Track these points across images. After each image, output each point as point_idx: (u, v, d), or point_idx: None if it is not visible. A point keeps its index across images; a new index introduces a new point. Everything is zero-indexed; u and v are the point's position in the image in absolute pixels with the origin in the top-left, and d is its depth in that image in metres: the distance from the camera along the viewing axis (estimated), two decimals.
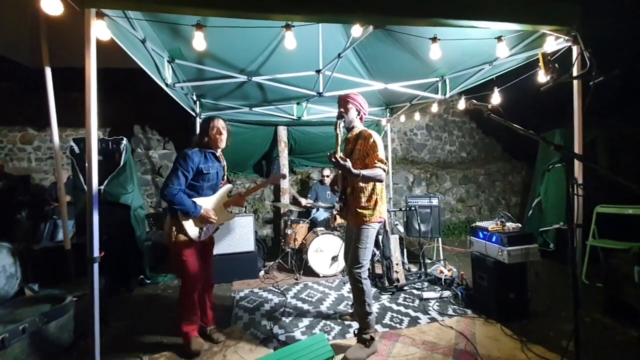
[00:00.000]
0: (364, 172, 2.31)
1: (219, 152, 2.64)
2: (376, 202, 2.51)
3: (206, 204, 2.54)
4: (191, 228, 2.47)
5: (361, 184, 2.48)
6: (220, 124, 2.58)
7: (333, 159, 2.21)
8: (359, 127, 2.64)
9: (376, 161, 2.40)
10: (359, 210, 2.49)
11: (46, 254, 3.53)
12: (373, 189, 2.51)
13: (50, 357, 2.38)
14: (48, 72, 3.07)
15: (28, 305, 2.62)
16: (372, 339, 2.48)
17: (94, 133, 1.99)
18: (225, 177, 2.76)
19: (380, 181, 2.46)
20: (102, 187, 3.81)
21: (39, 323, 2.31)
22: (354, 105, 2.62)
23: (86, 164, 1.99)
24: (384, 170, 2.41)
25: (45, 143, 6.41)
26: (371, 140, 2.46)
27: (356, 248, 2.50)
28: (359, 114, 2.66)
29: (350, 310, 3.17)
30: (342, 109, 2.64)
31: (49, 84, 3.08)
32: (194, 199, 2.47)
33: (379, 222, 2.55)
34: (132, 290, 3.90)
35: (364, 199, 2.49)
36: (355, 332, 2.57)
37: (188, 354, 2.52)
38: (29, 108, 6.11)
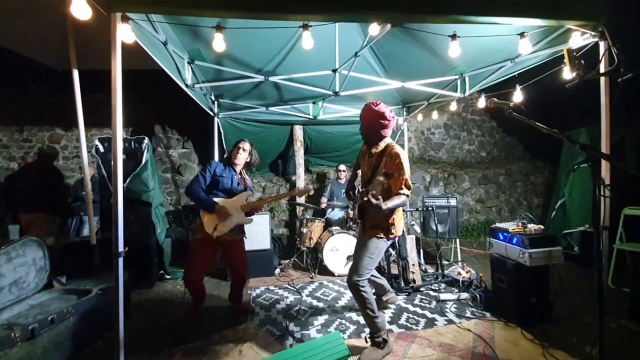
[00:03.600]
0: (390, 204, 2.17)
1: (238, 169, 3.09)
2: (393, 220, 2.42)
3: (222, 202, 2.92)
4: (207, 223, 2.87)
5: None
6: (246, 145, 3.08)
7: (365, 198, 2.07)
8: (386, 140, 2.44)
9: (403, 187, 2.26)
10: (373, 227, 2.43)
11: (73, 249, 3.68)
12: (392, 210, 2.37)
13: (76, 347, 2.49)
14: (75, 74, 3.21)
15: (56, 297, 2.75)
16: (385, 340, 2.46)
17: (120, 133, 2.06)
18: (246, 187, 3.12)
19: (404, 205, 2.36)
20: (124, 184, 3.94)
21: (67, 314, 2.41)
22: (391, 125, 2.39)
23: (112, 163, 2.06)
24: (408, 196, 2.29)
25: (72, 142, 6.68)
26: (397, 161, 2.28)
27: (363, 256, 2.42)
28: (384, 128, 2.39)
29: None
30: (374, 126, 2.38)
31: (76, 86, 3.21)
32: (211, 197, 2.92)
33: (392, 239, 2.49)
34: (153, 285, 4.01)
35: (381, 219, 2.40)
36: (367, 337, 2.53)
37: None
38: (56, 109, 6.38)
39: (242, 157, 3.06)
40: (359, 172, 2.72)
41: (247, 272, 3.22)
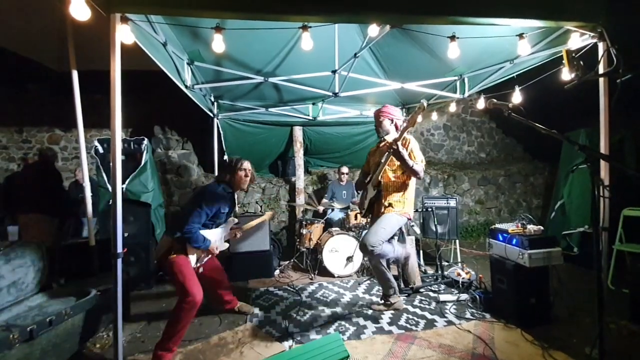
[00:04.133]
0: (413, 164, 2.70)
1: (236, 193, 2.91)
2: (407, 199, 2.91)
3: (212, 237, 2.72)
4: (193, 257, 2.63)
5: (397, 182, 2.89)
6: (249, 166, 2.84)
7: (394, 146, 2.58)
8: (394, 134, 2.95)
9: (419, 161, 2.79)
10: (390, 202, 2.87)
11: (72, 250, 3.67)
12: (406, 188, 2.91)
13: (75, 348, 2.48)
14: (75, 75, 3.20)
15: (54, 298, 2.74)
16: (394, 302, 3.12)
17: (119, 134, 2.06)
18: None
19: (419, 177, 2.82)
20: (124, 185, 3.94)
21: (65, 315, 2.40)
22: (384, 117, 2.98)
23: (111, 164, 2.06)
24: (423, 170, 2.80)
25: (71, 143, 6.69)
26: (408, 141, 2.83)
27: (376, 227, 2.79)
28: (392, 122, 2.99)
29: (380, 301, 3.31)
30: (376, 124, 3.04)
31: (75, 87, 3.21)
32: (202, 232, 2.61)
33: (405, 216, 2.90)
34: (151, 287, 4.00)
35: (397, 195, 2.88)
36: (381, 298, 3.23)
37: None
38: (56, 109, 6.37)
39: (247, 181, 2.86)
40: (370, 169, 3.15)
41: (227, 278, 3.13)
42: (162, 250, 2.57)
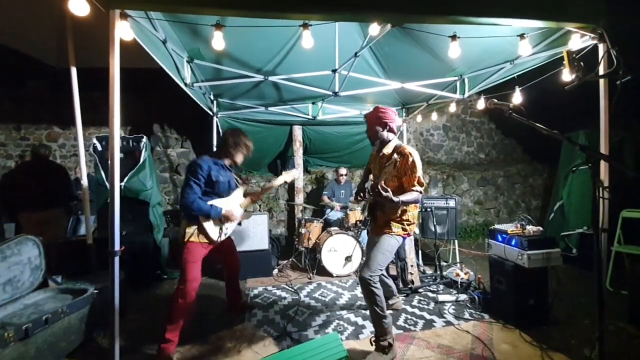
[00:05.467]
0: (403, 198, 2.27)
1: (227, 162, 2.76)
2: (407, 217, 2.47)
3: (224, 205, 2.65)
4: (212, 229, 2.59)
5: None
6: (249, 143, 2.79)
7: (375, 190, 2.18)
8: (394, 141, 2.53)
9: (416, 184, 2.33)
10: (386, 224, 2.46)
11: (69, 248, 3.65)
12: (405, 207, 2.44)
13: (71, 347, 2.47)
14: (74, 72, 3.18)
15: (51, 296, 2.72)
16: (391, 345, 2.39)
17: (117, 131, 2.04)
18: (239, 179, 2.86)
19: (417, 203, 2.44)
20: (122, 183, 3.92)
21: (61, 314, 2.39)
22: (377, 122, 2.51)
23: (109, 162, 2.04)
24: (421, 193, 2.37)
25: (70, 141, 6.65)
26: (410, 160, 2.34)
27: (376, 253, 2.42)
28: (386, 127, 2.51)
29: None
30: (369, 133, 2.59)
31: (74, 84, 3.18)
32: (210, 202, 2.58)
33: (404, 237, 2.52)
34: (150, 285, 3.99)
35: (394, 215, 2.45)
36: (372, 340, 2.47)
37: None
38: (54, 107, 6.35)
39: (236, 147, 2.75)
40: (371, 175, 2.80)
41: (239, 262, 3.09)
42: (182, 232, 2.59)
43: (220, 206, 2.61)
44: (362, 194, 2.67)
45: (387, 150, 2.49)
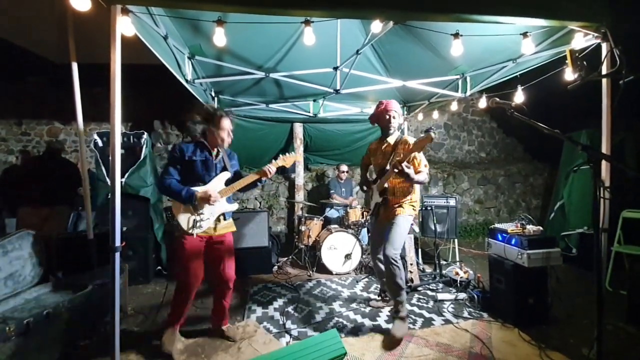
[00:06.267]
0: (416, 177, 2.56)
1: (215, 150, 2.52)
2: (415, 200, 2.86)
3: (200, 188, 2.40)
4: (183, 218, 2.37)
5: (403, 186, 2.79)
6: (226, 123, 2.50)
7: (399, 167, 2.44)
8: (397, 133, 2.91)
9: (423, 166, 2.71)
10: (399, 206, 2.79)
11: (70, 243, 3.66)
12: (413, 189, 2.84)
13: (71, 341, 2.48)
14: (75, 67, 3.17)
15: (52, 291, 2.74)
16: (407, 315, 2.83)
17: (118, 127, 2.04)
18: (224, 167, 2.57)
19: (425, 184, 2.80)
20: (123, 179, 3.93)
21: (62, 309, 2.40)
22: (390, 114, 2.83)
23: (110, 158, 2.04)
24: (426, 176, 2.75)
25: (71, 136, 6.65)
26: (409, 147, 2.64)
27: (396, 233, 2.71)
28: (396, 116, 2.86)
29: (378, 298, 3.38)
30: (381, 122, 2.90)
31: (75, 79, 3.17)
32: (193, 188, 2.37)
33: (412, 216, 2.86)
34: (150, 281, 4.00)
35: (404, 198, 2.81)
36: (392, 314, 2.86)
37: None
38: (55, 102, 6.34)
39: (228, 141, 2.53)
40: (371, 167, 3.12)
41: (234, 276, 2.63)
42: (176, 230, 2.51)
43: (193, 189, 2.36)
44: (367, 184, 3.06)
45: (391, 140, 2.86)
